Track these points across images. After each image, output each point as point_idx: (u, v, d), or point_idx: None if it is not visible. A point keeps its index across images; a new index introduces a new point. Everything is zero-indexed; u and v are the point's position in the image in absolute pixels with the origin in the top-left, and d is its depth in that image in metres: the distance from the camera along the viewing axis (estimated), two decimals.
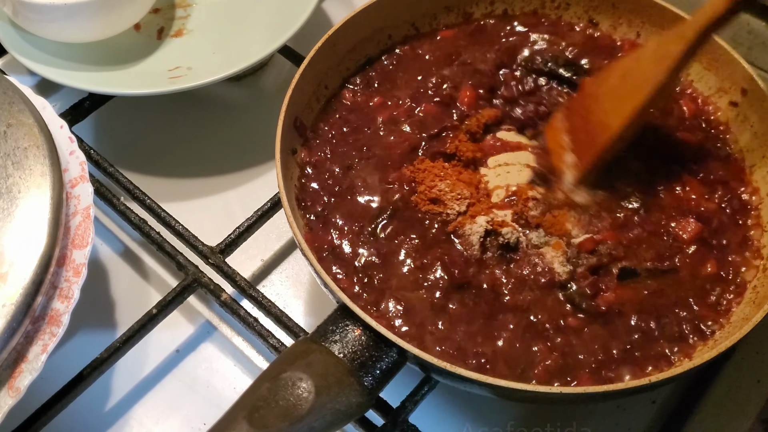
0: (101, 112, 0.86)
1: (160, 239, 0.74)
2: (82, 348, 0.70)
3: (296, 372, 0.54)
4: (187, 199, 0.84)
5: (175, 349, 0.74)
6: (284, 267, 0.80)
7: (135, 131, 0.90)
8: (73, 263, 0.66)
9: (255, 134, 0.89)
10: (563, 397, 0.55)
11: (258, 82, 0.93)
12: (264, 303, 0.70)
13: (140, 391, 0.72)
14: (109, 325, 0.75)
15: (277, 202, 0.76)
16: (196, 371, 0.73)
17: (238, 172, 0.86)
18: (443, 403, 0.69)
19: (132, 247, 0.81)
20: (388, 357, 0.57)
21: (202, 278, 0.72)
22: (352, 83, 0.76)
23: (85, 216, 0.68)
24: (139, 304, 0.74)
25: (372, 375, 0.56)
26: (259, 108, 0.91)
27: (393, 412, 0.64)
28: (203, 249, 0.73)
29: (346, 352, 0.56)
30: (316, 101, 0.74)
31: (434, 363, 0.55)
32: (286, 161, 0.68)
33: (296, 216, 0.65)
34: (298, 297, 0.78)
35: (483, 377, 0.54)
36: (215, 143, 0.88)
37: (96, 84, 0.80)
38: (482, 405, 0.69)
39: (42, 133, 0.68)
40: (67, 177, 0.71)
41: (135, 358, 0.72)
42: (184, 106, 0.90)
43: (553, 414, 0.69)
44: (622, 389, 0.54)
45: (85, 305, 0.76)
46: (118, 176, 0.78)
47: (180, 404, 0.71)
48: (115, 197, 0.76)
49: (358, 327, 0.57)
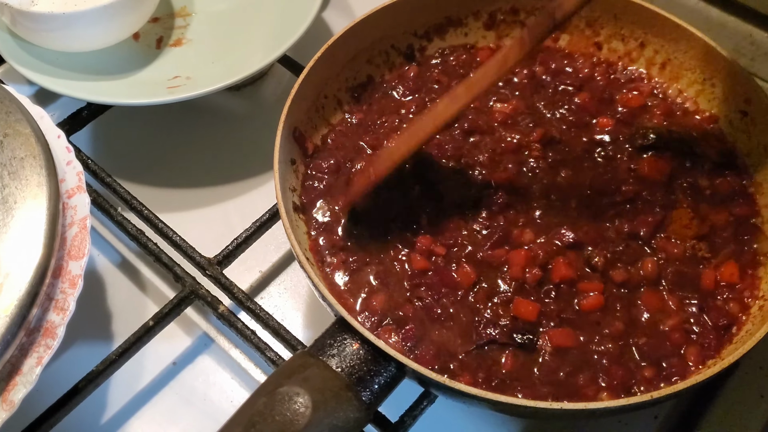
0: (99, 121, 0.85)
1: (158, 250, 0.73)
2: (78, 360, 0.69)
3: (293, 386, 0.53)
4: (185, 210, 0.84)
5: (172, 361, 0.74)
6: (282, 279, 0.79)
7: (133, 141, 0.89)
8: (69, 274, 0.65)
9: (254, 144, 0.88)
10: (564, 413, 0.54)
11: (257, 92, 0.93)
12: (262, 315, 0.69)
13: (136, 404, 0.71)
14: (106, 337, 0.75)
15: (275, 213, 0.75)
16: (193, 384, 0.73)
17: (237, 183, 0.85)
18: (443, 417, 0.68)
19: (129, 258, 0.80)
20: (386, 371, 0.56)
21: (199, 290, 0.71)
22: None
23: (81, 227, 0.68)
24: (136, 316, 0.73)
25: (370, 390, 0.55)
26: (258, 118, 0.91)
27: (391, 426, 0.63)
28: (201, 260, 0.72)
29: (344, 366, 0.55)
30: (315, 111, 0.73)
31: (433, 378, 0.54)
32: (285, 172, 0.67)
33: (294, 227, 0.64)
34: (297, 309, 0.77)
35: (482, 392, 0.53)
36: (214, 153, 0.88)
37: (94, 94, 0.79)
38: (483, 419, 0.68)
39: (39, 143, 0.68)
40: (64, 187, 0.70)
41: (131, 371, 0.72)
42: (182, 115, 0.90)
43: (554, 427, 0.68)
44: (624, 405, 0.53)
45: (81, 317, 0.75)
46: (115, 186, 0.77)
47: (177, 417, 0.71)
48: (113, 207, 0.76)
49: (356, 341, 0.56)
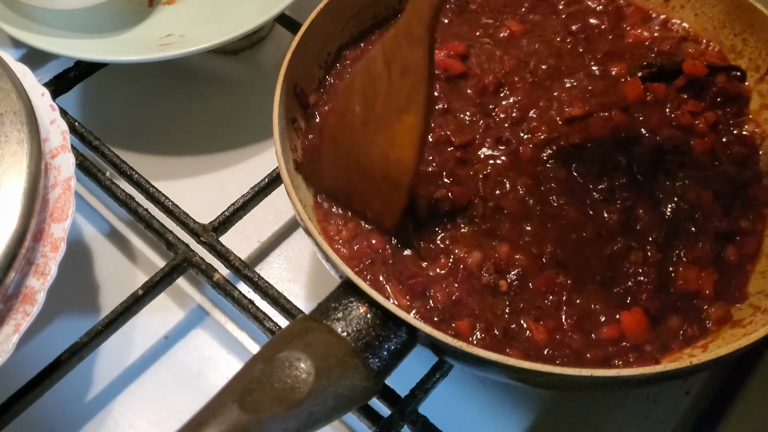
0: (89, 85, 0.80)
1: (148, 216, 0.68)
2: (62, 334, 0.65)
3: (294, 352, 0.48)
4: (179, 178, 0.79)
5: (163, 335, 0.69)
6: (283, 249, 0.74)
7: (125, 107, 0.84)
8: (51, 237, 0.61)
9: (253, 110, 0.83)
10: (593, 381, 0.49)
11: (256, 56, 0.88)
12: (260, 284, 0.64)
13: (124, 380, 0.66)
14: (93, 309, 0.70)
15: (275, 178, 0.70)
16: (186, 360, 0.68)
17: (235, 150, 0.81)
18: (457, 392, 0.63)
19: (119, 227, 0.75)
20: (396, 337, 0.51)
21: (192, 257, 0.66)
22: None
23: (65, 188, 0.63)
24: (125, 287, 0.67)
25: (378, 356, 0.50)
26: (258, 83, 0.86)
27: (401, 401, 0.58)
28: (195, 227, 0.67)
29: (349, 330, 0.50)
30: (318, 68, 0.68)
31: (448, 342, 0.49)
32: (285, 129, 0.62)
33: (296, 186, 0.59)
34: (298, 281, 0.72)
35: (503, 358, 0.48)
36: (211, 120, 0.83)
37: (83, 51, 0.74)
38: (501, 394, 0.63)
39: (20, 99, 0.64)
40: (48, 147, 0.66)
41: (120, 345, 0.67)
42: (177, 80, 0.85)
43: (579, 404, 0.63)
44: (659, 372, 0.48)
45: (66, 288, 0.71)
46: (103, 150, 0.72)
47: (167, 395, 0.66)
48: (100, 172, 0.71)
49: (363, 304, 0.51)
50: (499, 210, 0.59)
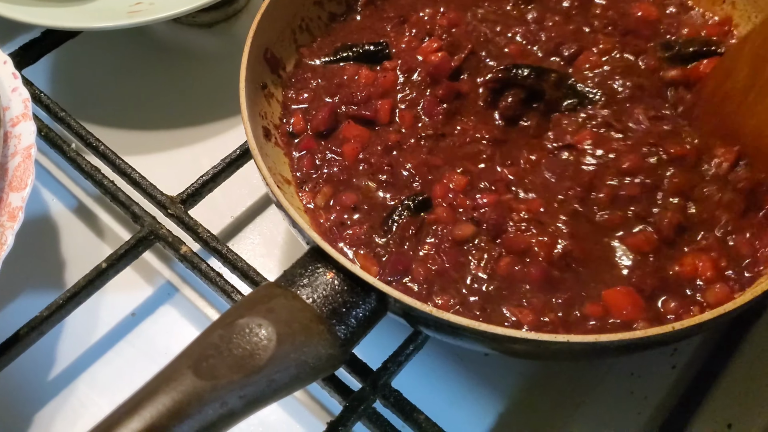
0: (59, 58, 0.78)
1: (114, 188, 0.66)
2: (25, 310, 0.62)
3: (255, 318, 0.45)
4: (152, 152, 0.76)
5: (130, 312, 0.66)
6: (257, 224, 0.72)
7: (96, 80, 0.82)
8: (9, 207, 0.58)
9: (227, 85, 0.79)
10: (570, 348, 0.46)
11: (231, 29, 0.85)
12: (229, 256, 0.62)
13: (89, 357, 0.64)
14: (57, 284, 0.67)
15: (246, 150, 0.67)
16: (154, 337, 0.65)
17: (208, 125, 0.78)
18: (433, 367, 0.60)
19: (86, 202, 0.73)
20: (365, 303, 0.48)
21: (159, 230, 0.64)
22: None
23: (25, 156, 0.61)
24: (91, 263, 0.65)
25: (345, 323, 0.48)
26: (232, 57, 0.81)
27: (373, 375, 0.55)
28: (162, 199, 0.65)
29: (315, 297, 0.48)
30: (291, 33, 0.66)
31: (417, 308, 0.46)
32: (253, 94, 0.60)
33: (264, 154, 0.56)
34: (272, 256, 0.70)
35: (476, 323, 0.46)
36: (184, 94, 0.80)
37: (50, 18, 0.71)
38: (480, 368, 0.61)
39: None
40: (8, 115, 0.63)
41: (85, 322, 0.64)
42: (151, 54, 0.83)
43: (561, 379, 0.60)
44: (639, 338, 0.45)
45: (31, 264, 0.69)
46: (69, 121, 0.70)
47: (133, 373, 0.63)
48: (66, 144, 0.68)
49: (330, 270, 0.49)
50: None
